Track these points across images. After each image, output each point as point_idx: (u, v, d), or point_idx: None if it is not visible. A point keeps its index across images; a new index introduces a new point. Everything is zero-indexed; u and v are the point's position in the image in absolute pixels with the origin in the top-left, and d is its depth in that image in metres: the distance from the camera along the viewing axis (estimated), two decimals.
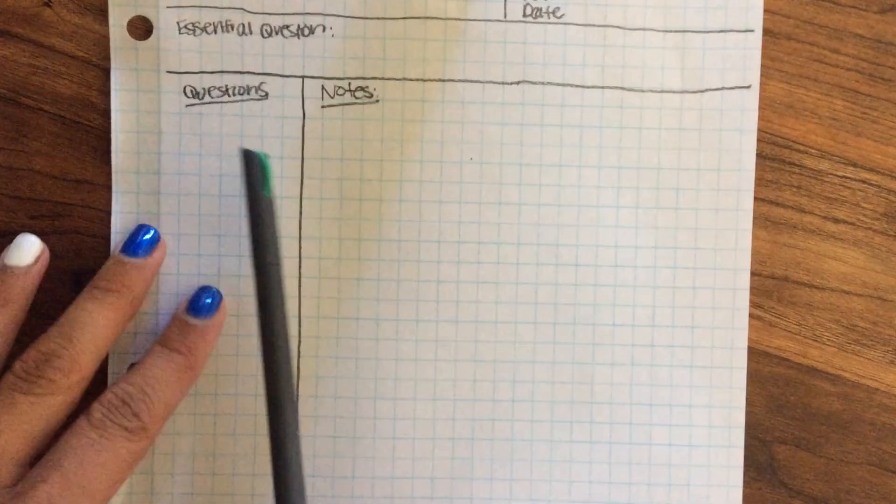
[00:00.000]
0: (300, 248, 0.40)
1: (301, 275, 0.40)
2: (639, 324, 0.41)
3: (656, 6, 0.40)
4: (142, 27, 0.40)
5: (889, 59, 0.41)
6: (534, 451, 0.41)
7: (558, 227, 0.40)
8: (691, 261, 0.41)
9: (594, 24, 0.40)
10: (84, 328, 0.36)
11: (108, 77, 0.40)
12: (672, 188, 0.40)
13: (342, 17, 0.40)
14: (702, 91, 0.40)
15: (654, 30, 0.40)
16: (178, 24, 0.39)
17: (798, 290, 0.41)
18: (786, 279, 0.41)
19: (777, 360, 0.41)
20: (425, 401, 0.40)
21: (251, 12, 0.40)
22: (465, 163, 0.40)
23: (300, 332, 0.40)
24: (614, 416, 0.41)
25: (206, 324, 0.39)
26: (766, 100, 0.41)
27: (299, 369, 0.40)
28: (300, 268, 0.40)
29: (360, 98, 0.40)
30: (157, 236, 0.39)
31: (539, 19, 0.40)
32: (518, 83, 0.40)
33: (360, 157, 0.40)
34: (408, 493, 0.40)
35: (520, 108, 0.40)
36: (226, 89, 0.40)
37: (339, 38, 0.40)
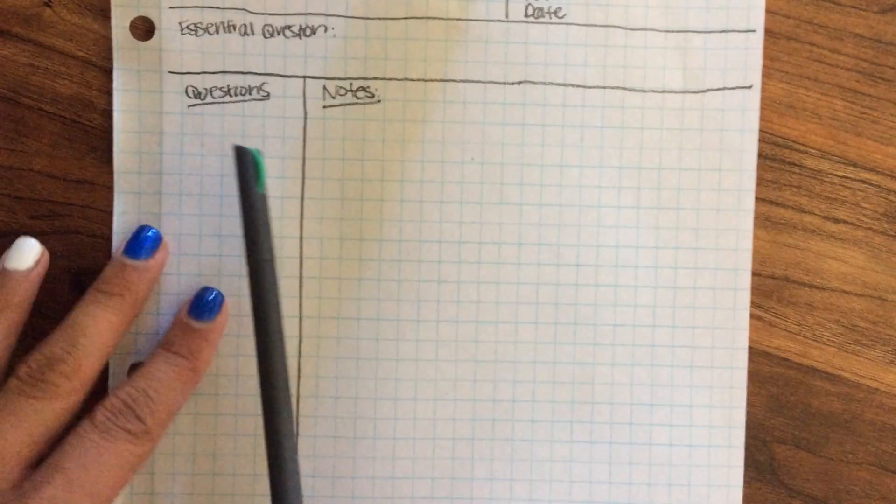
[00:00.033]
0: (301, 248, 0.40)
1: (302, 275, 0.40)
2: (640, 324, 0.41)
3: (658, 6, 0.40)
4: (144, 28, 0.40)
5: (889, 59, 0.41)
6: (534, 451, 0.41)
7: (559, 228, 0.40)
8: (692, 261, 0.41)
9: (596, 25, 0.40)
10: (87, 332, 0.36)
11: (108, 77, 0.40)
12: (673, 188, 0.40)
13: (344, 17, 0.40)
14: (703, 91, 0.40)
15: (656, 30, 0.40)
16: (180, 24, 0.39)
17: (798, 290, 0.41)
18: (786, 279, 0.41)
19: (777, 360, 0.41)
20: (426, 401, 0.40)
21: (253, 13, 0.39)
22: (466, 163, 0.40)
23: (301, 332, 0.40)
24: (615, 416, 0.41)
25: (209, 327, 0.39)
26: (766, 100, 0.41)
27: (300, 369, 0.40)
28: (301, 268, 0.40)
29: (361, 98, 0.40)
30: (158, 237, 0.39)
31: (541, 19, 0.40)
32: (520, 83, 0.40)
33: (362, 157, 0.40)
34: (408, 493, 0.40)
35: (521, 109, 0.40)
36: (227, 90, 0.40)
37: (340, 38, 0.40)
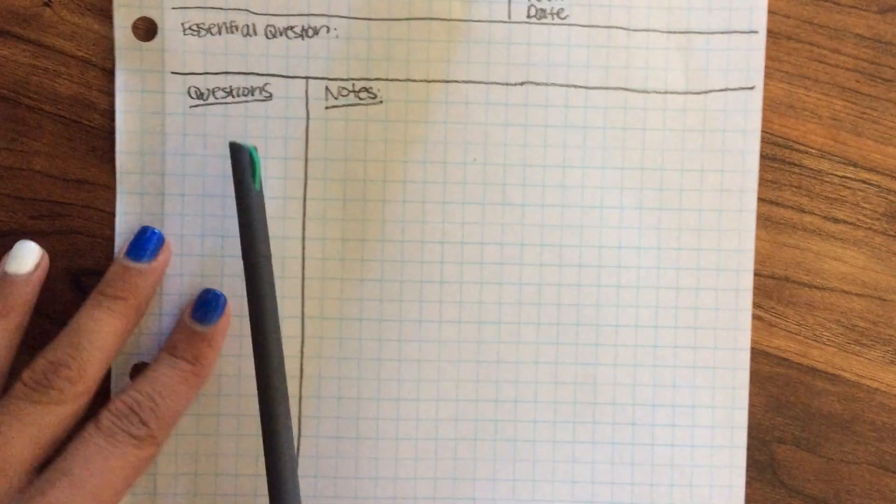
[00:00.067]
0: (303, 248, 0.40)
1: (304, 275, 0.40)
2: (642, 324, 0.41)
3: (660, 7, 0.40)
4: (146, 28, 0.39)
5: (889, 59, 0.41)
6: (536, 452, 0.41)
7: (562, 228, 0.40)
8: (694, 261, 0.41)
9: (598, 26, 0.40)
10: (91, 337, 0.36)
11: (108, 77, 0.40)
12: (675, 189, 0.40)
13: (346, 18, 0.40)
14: (705, 92, 0.40)
15: (658, 31, 0.40)
16: (182, 25, 0.39)
17: (798, 290, 0.41)
18: (786, 279, 0.41)
19: (777, 360, 0.41)
20: (428, 401, 0.40)
21: (255, 13, 0.39)
22: (468, 164, 0.40)
23: (303, 332, 0.40)
24: (617, 416, 0.41)
25: (212, 329, 0.39)
26: (766, 100, 0.41)
27: (302, 370, 0.40)
28: (304, 268, 0.40)
29: (363, 99, 0.40)
30: (161, 239, 0.39)
31: (543, 20, 0.40)
32: (522, 84, 0.40)
33: (364, 157, 0.40)
34: (410, 493, 0.40)
35: (523, 109, 0.40)
36: (230, 90, 0.40)
37: (342, 39, 0.40)
